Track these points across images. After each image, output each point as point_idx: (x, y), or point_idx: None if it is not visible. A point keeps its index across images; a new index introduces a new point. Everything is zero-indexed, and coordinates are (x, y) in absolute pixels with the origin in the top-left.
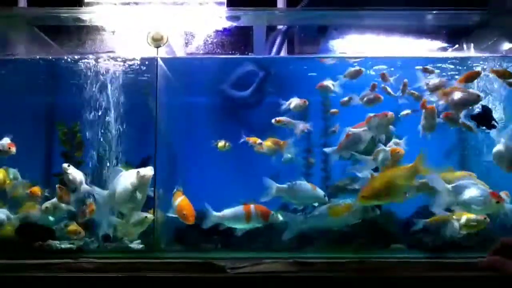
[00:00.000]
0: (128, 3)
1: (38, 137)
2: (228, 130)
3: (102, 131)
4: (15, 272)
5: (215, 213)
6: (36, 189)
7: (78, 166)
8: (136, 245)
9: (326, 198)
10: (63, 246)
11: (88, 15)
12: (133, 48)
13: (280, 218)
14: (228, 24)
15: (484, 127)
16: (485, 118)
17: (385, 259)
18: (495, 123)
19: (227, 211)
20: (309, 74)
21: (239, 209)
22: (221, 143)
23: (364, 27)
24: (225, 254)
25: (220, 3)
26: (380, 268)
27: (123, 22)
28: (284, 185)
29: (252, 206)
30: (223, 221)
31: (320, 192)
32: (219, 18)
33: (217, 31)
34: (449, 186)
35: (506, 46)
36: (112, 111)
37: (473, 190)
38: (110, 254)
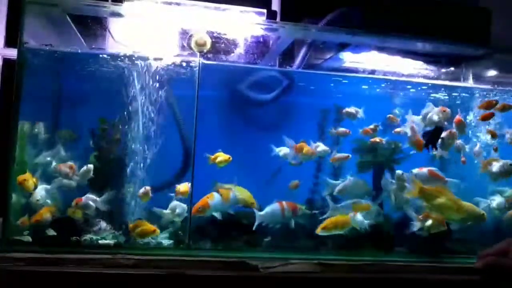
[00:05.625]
0: (170, 3)
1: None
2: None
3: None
4: (53, 266)
5: (259, 213)
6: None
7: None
8: (167, 241)
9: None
10: (100, 241)
11: (127, 10)
12: (169, 49)
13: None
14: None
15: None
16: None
17: (391, 262)
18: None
19: (267, 210)
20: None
21: (275, 206)
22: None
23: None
24: (252, 253)
25: (260, 13)
26: (386, 271)
27: (162, 21)
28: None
29: (284, 203)
30: (265, 219)
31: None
32: (259, 29)
33: (248, 40)
34: None
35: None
36: (144, 111)
37: None
38: (146, 250)
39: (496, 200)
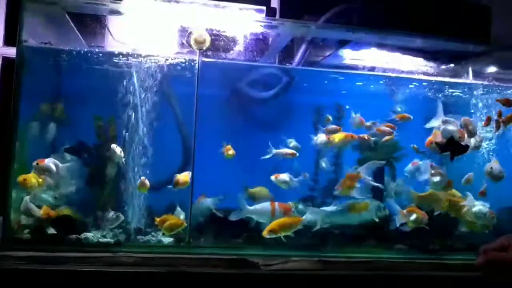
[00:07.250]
0: (169, 1)
1: None
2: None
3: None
4: (52, 265)
5: (248, 207)
6: None
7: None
8: (167, 238)
9: None
10: (100, 239)
11: (126, 8)
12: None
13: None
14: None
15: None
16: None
17: (391, 259)
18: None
19: (257, 206)
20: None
21: (266, 205)
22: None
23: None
24: (252, 251)
25: (260, 11)
26: (386, 267)
27: (161, 18)
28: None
29: (276, 203)
30: (253, 214)
31: None
32: (258, 26)
33: (247, 37)
34: None
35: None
36: (142, 109)
37: None
38: (146, 248)
39: (479, 207)
